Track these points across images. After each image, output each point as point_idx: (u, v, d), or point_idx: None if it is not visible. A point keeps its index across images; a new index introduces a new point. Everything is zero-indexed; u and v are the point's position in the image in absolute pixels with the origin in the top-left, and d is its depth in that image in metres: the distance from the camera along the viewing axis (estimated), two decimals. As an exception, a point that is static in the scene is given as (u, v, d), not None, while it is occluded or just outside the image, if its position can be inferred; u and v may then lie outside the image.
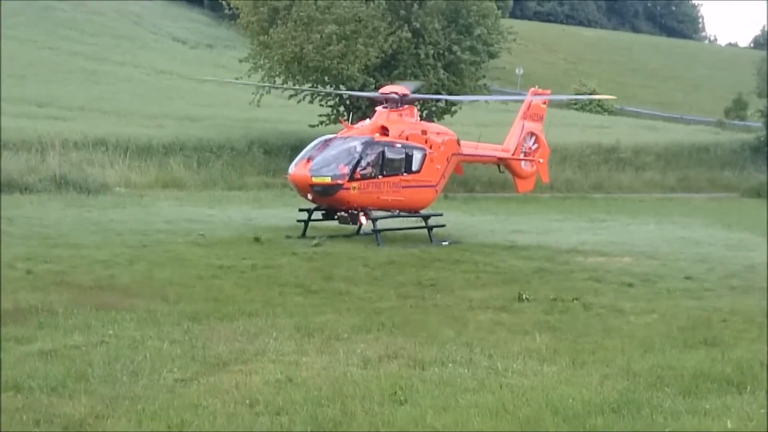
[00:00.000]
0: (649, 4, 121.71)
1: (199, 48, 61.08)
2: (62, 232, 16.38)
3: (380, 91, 20.04)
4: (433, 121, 26.59)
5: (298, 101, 33.61)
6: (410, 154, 18.01)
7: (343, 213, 17.67)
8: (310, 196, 17.37)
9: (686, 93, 69.75)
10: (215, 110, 38.70)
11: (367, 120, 19.42)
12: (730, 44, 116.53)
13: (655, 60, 78.13)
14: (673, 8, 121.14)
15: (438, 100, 31.65)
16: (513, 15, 72.95)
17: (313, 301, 10.82)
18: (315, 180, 16.80)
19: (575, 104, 54.99)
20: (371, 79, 31.10)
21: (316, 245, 15.87)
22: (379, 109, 18.88)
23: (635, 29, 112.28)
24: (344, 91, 29.75)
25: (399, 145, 17.81)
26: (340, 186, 16.75)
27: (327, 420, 5.78)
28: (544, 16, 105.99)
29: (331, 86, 32.22)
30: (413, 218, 18.77)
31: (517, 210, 26.19)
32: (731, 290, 12.53)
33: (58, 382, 6.56)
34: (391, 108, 18.58)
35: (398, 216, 18.46)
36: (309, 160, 17.21)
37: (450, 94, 31.99)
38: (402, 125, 18.30)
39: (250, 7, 31.93)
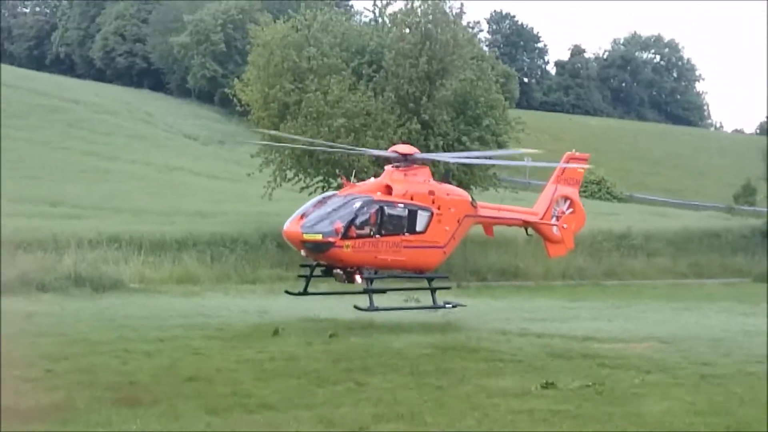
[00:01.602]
0: (654, 93, 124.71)
1: (211, 144, 62.74)
2: (80, 330, 16.50)
3: (389, 150, 20.61)
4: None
5: (310, 193, 34.26)
6: (414, 213, 18.17)
7: (338, 270, 18.00)
8: (303, 253, 17.77)
9: (693, 179, 70.72)
10: (227, 206, 39.59)
11: (372, 179, 19.96)
12: (736, 131, 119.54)
13: (661, 147, 79.48)
14: (678, 96, 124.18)
15: (456, 163, 30.73)
16: (519, 105, 75.01)
17: (333, 392, 10.95)
18: (306, 237, 17.16)
19: (584, 191, 55.84)
20: (381, 170, 31.86)
21: (331, 336, 15.98)
22: (386, 167, 19.39)
23: (641, 117, 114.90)
24: (352, 148, 29.20)
25: (401, 205, 18.02)
26: (331, 244, 17.04)
27: None
28: (550, 106, 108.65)
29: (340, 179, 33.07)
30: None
31: (530, 298, 26.38)
32: (749, 376, 12.57)
33: None
34: (396, 168, 18.98)
35: (401, 277, 18.78)
36: (303, 216, 17.61)
37: (460, 184, 32.63)
38: (406, 185, 18.48)
39: (261, 103, 33.19)
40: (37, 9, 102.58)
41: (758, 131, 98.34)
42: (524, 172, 58.49)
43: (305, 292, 19.06)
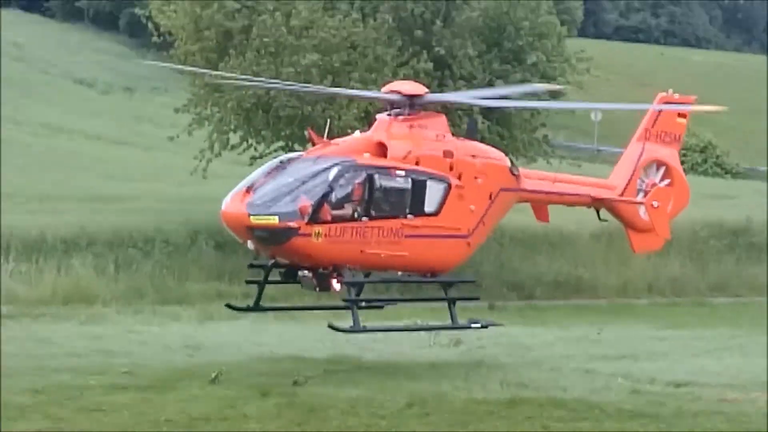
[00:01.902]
0: None
1: (113, 92, 63.50)
2: None
3: (386, 89, 20.02)
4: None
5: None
6: (421, 186, 18.10)
7: (305, 273, 18.06)
8: (251, 245, 17.73)
9: None
10: (139, 185, 40.35)
11: (357, 133, 19.98)
12: None
13: None
14: None
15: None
16: (584, 33, 75.16)
17: None
18: (255, 221, 16.95)
19: (683, 161, 56.49)
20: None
21: (295, 383, 16.33)
22: (379, 117, 19.14)
23: None
24: (332, 91, 29.84)
25: (401, 173, 17.96)
26: (294, 231, 16.93)
27: None
28: (631, 34, 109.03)
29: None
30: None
31: (600, 323, 26.60)
32: None
33: None
34: (395, 116, 18.81)
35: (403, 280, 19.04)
36: (250, 189, 17.32)
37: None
38: (410, 142, 18.37)
39: (191, 31, 33.74)
40: None
41: None
42: (591, 132, 58.93)
43: (256, 307, 19.23)
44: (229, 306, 20.12)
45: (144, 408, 14.28)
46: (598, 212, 21.85)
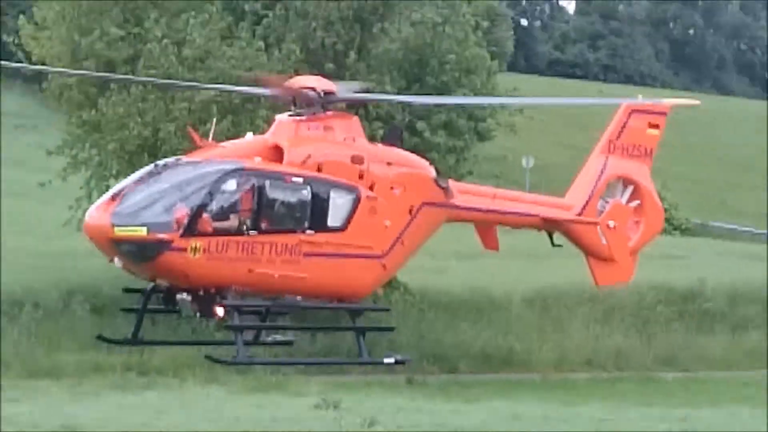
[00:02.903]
0: (744, 47, 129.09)
1: None
2: None
3: (289, 84, 19.81)
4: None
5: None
6: (323, 196, 18.01)
7: (183, 296, 18.03)
8: (118, 262, 17.49)
9: None
10: (4, 239, 40.02)
11: (250, 135, 19.96)
12: None
13: (756, 140, 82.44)
14: None
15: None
16: (514, 68, 76.53)
17: None
18: (119, 232, 16.84)
19: None
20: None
21: None
22: (279, 117, 19.08)
23: (721, 88, 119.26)
24: (222, 86, 30.37)
25: (298, 179, 17.83)
26: (166, 244, 16.80)
27: None
28: (568, 68, 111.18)
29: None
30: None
31: (533, 403, 27.39)
32: None
33: None
34: (301, 116, 18.95)
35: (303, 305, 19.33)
36: (116, 197, 17.24)
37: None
38: (312, 146, 18.31)
39: (68, 61, 34.09)
40: None
41: None
42: (522, 182, 60.02)
43: (134, 340, 18.91)
44: (101, 338, 19.60)
45: None
46: (551, 236, 21.72)
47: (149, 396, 23.25)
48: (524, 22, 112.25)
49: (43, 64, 35.08)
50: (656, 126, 22.15)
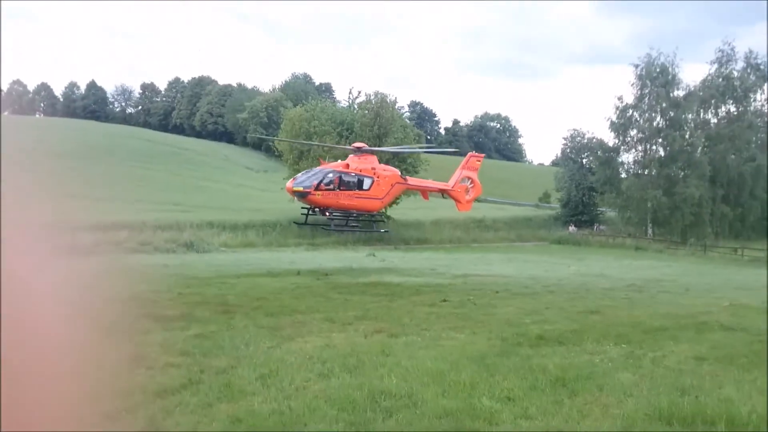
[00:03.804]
0: (497, 144, 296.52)
1: (260, 172, 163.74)
2: (193, 272, 41.10)
3: (352, 145, 45.58)
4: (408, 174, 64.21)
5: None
6: (361, 179, 41.80)
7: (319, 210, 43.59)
8: (296, 200, 44.16)
9: (517, 190, 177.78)
10: (270, 205, 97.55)
11: (338, 161, 45.34)
12: (540, 164, 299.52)
13: (501, 173, 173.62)
14: (509, 145, 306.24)
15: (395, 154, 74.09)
16: None
17: (331, 304, 28.70)
18: (295, 188, 41.83)
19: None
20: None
21: (326, 275, 41.40)
22: (350, 156, 44.00)
23: (489, 157, 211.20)
24: (326, 144, 73.11)
25: (353, 174, 41.92)
26: (309, 193, 41.47)
27: (349, 365, 17.22)
28: None
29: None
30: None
31: (434, 252, 75.15)
32: (550, 293, 35.68)
33: (205, 349, 19.02)
34: (355, 154, 43.58)
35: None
36: (295, 178, 42.89)
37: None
38: (357, 164, 42.69)
39: (288, 151, 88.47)
40: (164, 98, 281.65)
41: (551, 164, 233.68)
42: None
43: (306, 224, 46.15)
44: (296, 222, 51.96)
45: (276, 284, 35.92)
46: (442, 195, 49.92)
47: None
48: (428, 137, 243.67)
49: (280, 151, 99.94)
50: (479, 160, 51.01)
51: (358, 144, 46.35)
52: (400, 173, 46.58)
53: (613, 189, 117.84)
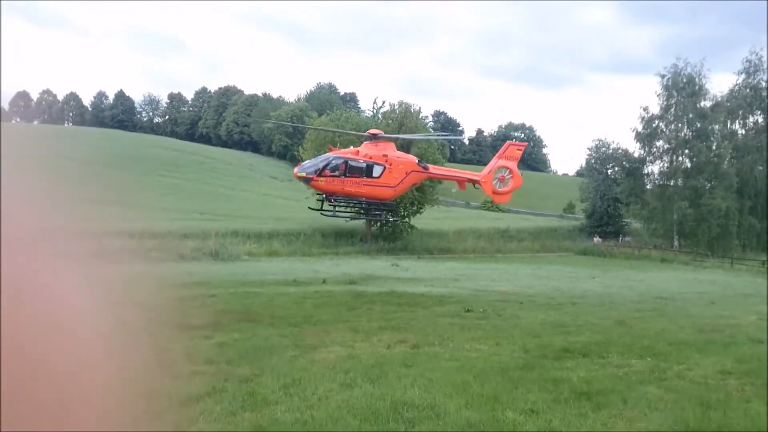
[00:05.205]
0: (524, 155, 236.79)
1: (284, 181, 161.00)
2: (218, 281, 43.71)
3: (367, 132, 44.56)
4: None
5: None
6: (371, 166, 40.01)
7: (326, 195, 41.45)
8: (303, 184, 42.79)
9: (541, 200, 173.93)
10: (294, 214, 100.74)
11: (351, 147, 43.86)
12: (564, 174, 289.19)
13: (524, 185, 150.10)
14: (534, 155, 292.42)
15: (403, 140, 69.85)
16: (449, 159, 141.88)
17: (354, 314, 29.92)
18: (299, 174, 40.54)
19: (484, 206, 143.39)
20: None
21: (351, 283, 45.16)
22: (364, 142, 42.47)
23: None
24: (342, 131, 71.22)
25: (362, 160, 40.13)
26: (311, 179, 40.04)
27: (372, 376, 17.69)
28: (466, 161, 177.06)
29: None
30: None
31: (457, 262, 75.38)
32: (574, 304, 36.60)
33: (229, 358, 19.87)
34: (370, 141, 41.96)
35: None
36: (300, 164, 42.40)
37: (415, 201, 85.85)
38: (368, 150, 41.10)
39: (312, 156, 75.93)
40: (191, 108, 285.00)
41: (576, 174, 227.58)
42: (453, 196, 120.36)
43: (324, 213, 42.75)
44: (311, 207, 47.58)
45: (299, 292, 39.09)
46: (474, 185, 44.79)
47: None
48: (452, 147, 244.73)
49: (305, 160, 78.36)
50: (520, 149, 46.31)
51: (374, 131, 45.32)
52: (418, 161, 44.14)
53: (638, 200, 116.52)
